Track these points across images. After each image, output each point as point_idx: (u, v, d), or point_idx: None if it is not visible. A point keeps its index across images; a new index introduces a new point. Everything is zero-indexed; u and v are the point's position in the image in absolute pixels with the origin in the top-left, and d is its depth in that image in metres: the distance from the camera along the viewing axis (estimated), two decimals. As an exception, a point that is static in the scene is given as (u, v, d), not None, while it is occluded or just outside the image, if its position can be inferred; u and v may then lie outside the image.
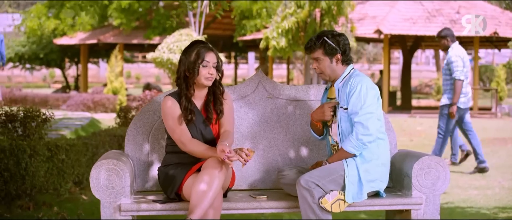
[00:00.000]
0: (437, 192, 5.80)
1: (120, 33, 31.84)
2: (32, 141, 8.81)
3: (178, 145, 5.63)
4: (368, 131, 5.62)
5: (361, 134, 5.62)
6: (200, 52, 5.62)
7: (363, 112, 5.64)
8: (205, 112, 5.75)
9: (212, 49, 5.70)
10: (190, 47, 5.68)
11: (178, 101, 5.65)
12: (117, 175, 5.52)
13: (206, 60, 5.62)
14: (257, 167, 6.28)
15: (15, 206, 8.46)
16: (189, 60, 5.61)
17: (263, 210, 5.69)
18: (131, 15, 30.10)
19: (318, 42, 5.80)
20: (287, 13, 21.86)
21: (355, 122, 5.65)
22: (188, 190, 5.48)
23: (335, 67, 5.83)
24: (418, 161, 5.77)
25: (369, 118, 5.64)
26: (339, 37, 5.83)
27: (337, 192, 5.56)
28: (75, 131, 15.27)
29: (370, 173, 5.69)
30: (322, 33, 5.86)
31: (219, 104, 5.76)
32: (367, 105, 5.66)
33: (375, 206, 5.77)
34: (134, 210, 5.53)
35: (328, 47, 5.78)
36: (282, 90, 6.35)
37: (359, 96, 5.68)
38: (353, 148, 5.64)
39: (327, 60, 5.81)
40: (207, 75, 5.64)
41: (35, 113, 8.96)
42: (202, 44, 5.69)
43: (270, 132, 6.32)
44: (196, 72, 5.61)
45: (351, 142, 5.63)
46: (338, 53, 5.80)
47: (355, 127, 5.64)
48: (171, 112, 5.62)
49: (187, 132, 5.61)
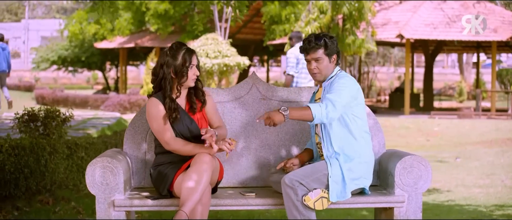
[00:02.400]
0: (419, 190, 5.72)
1: (156, 37, 32.02)
2: (52, 139, 8.86)
3: (163, 145, 5.61)
4: (334, 109, 5.51)
5: (330, 108, 5.48)
6: (187, 55, 5.60)
7: (336, 94, 5.54)
8: (189, 103, 5.74)
9: (194, 51, 5.69)
10: (176, 51, 5.63)
11: (162, 102, 5.63)
12: (111, 172, 5.52)
13: (193, 63, 5.61)
14: (249, 165, 6.25)
15: (35, 200, 8.51)
16: (176, 63, 5.59)
17: (250, 207, 5.66)
18: (167, 20, 30.23)
19: (319, 42, 5.76)
20: (310, 18, 21.78)
21: (328, 98, 5.53)
22: (179, 187, 5.46)
23: (330, 68, 5.80)
24: (400, 160, 5.70)
25: (339, 101, 5.52)
26: (333, 39, 5.82)
27: (320, 190, 5.51)
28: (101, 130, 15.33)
29: (354, 171, 5.62)
30: (318, 35, 5.82)
31: (201, 95, 5.77)
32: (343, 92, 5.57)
33: (359, 204, 5.71)
34: (127, 206, 5.52)
35: (330, 47, 5.75)
36: (275, 92, 6.32)
37: (338, 85, 5.62)
38: (318, 113, 5.46)
39: (326, 60, 5.77)
40: (193, 76, 5.64)
41: (55, 112, 9.01)
42: (185, 47, 5.67)
43: (262, 131, 6.28)
44: (185, 75, 5.60)
45: (320, 109, 5.47)
46: (335, 54, 5.78)
47: (325, 101, 5.54)
48: (155, 113, 5.59)
49: (171, 132, 5.59)
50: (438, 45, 30.52)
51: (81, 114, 22.90)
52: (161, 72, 5.63)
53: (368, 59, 42.31)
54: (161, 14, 29.79)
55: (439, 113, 26.33)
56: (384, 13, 28.24)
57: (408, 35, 25.44)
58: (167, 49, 5.67)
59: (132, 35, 33.41)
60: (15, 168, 8.17)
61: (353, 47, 21.61)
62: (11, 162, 8.08)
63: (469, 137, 19.51)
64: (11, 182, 8.16)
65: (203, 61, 18.72)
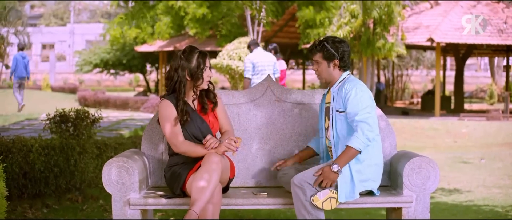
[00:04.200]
0: (427, 191, 5.66)
1: (195, 41, 32.09)
2: (82, 139, 8.92)
3: (172, 147, 5.61)
4: (371, 128, 5.51)
5: (367, 130, 5.50)
6: (201, 58, 5.60)
7: (364, 112, 5.53)
8: (200, 104, 5.74)
9: (206, 54, 5.69)
10: (189, 54, 5.63)
11: (174, 104, 5.63)
12: (127, 172, 5.54)
13: (207, 65, 5.61)
14: (263, 166, 6.24)
15: (65, 199, 8.57)
16: (191, 66, 5.58)
17: (261, 206, 5.64)
18: (205, 24, 30.30)
19: (318, 46, 5.74)
20: (342, 22, 21.73)
21: (358, 120, 5.52)
22: (190, 187, 5.45)
23: (332, 72, 5.75)
24: (409, 161, 5.65)
25: (369, 116, 5.54)
26: (339, 44, 5.74)
27: (329, 190, 5.48)
28: (134, 130, 15.39)
29: (363, 173, 5.58)
30: (324, 39, 5.80)
31: (212, 97, 5.76)
32: (366, 106, 5.56)
33: (367, 204, 5.66)
34: (142, 204, 5.53)
35: (327, 52, 5.70)
36: (289, 94, 6.30)
37: (356, 98, 5.57)
38: (360, 144, 5.49)
39: (325, 64, 5.73)
40: (207, 78, 5.64)
41: (85, 114, 9.06)
42: (198, 50, 5.66)
43: (276, 133, 6.27)
44: (201, 77, 5.59)
45: (358, 139, 5.49)
46: (336, 59, 5.72)
47: (359, 125, 5.52)
48: (166, 113, 5.60)
49: (180, 134, 5.58)
50: (468, 49, 30.33)
51: (118, 115, 23.05)
52: (176, 75, 5.62)
53: (401, 63, 42.07)
54: (200, 19, 29.88)
55: (468, 115, 26.12)
56: (415, 17, 28.10)
57: (438, 39, 25.29)
58: (180, 53, 5.66)
59: (172, 39, 33.54)
60: (45, 167, 8.25)
61: (383, 50, 21.50)
62: (41, 161, 8.16)
63: (495, 139, 19.31)
64: (41, 180, 8.24)
65: (236, 64, 18.75)
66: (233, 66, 18.86)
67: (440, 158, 14.34)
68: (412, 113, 28.20)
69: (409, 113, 28.24)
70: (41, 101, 28.02)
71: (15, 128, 16.28)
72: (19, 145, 8.02)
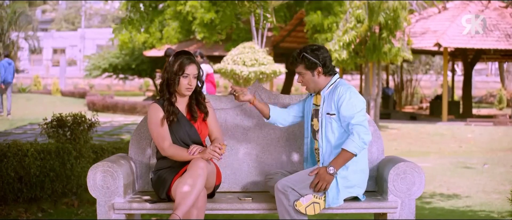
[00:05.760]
0: (412, 196, 5.65)
1: (203, 46, 32.17)
2: (78, 144, 8.95)
3: (159, 150, 5.62)
4: (367, 131, 5.51)
5: (363, 133, 5.49)
6: (182, 64, 5.60)
7: (359, 115, 5.53)
8: (189, 113, 5.74)
9: (194, 61, 5.67)
10: (175, 58, 5.66)
11: (161, 106, 5.65)
12: (111, 176, 5.55)
13: (186, 72, 5.60)
14: (250, 171, 6.23)
15: (61, 203, 8.60)
16: (172, 70, 5.61)
17: (246, 211, 5.64)
18: (213, 29, 30.38)
19: (299, 58, 5.72)
20: (348, 27, 21.68)
21: (354, 124, 5.50)
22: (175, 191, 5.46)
23: (317, 80, 5.73)
24: (394, 166, 5.63)
25: (364, 120, 5.54)
26: (318, 51, 5.71)
27: (312, 195, 5.47)
28: (135, 135, 15.35)
29: (348, 179, 5.57)
30: (302, 49, 5.75)
31: (203, 107, 5.76)
32: (360, 109, 5.56)
33: (352, 209, 5.65)
34: (127, 209, 5.54)
35: (308, 62, 5.68)
36: (277, 99, 6.28)
37: (351, 102, 5.57)
38: (356, 147, 5.47)
39: (309, 74, 5.71)
40: (187, 86, 5.63)
41: (81, 118, 9.09)
42: (186, 56, 5.66)
43: (264, 138, 6.26)
44: (176, 83, 5.61)
45: (355, 142, 5.47)
46: (319, 67, 5.69)
47: (355, 128, 5.49)
48: (154, 116, 5.62)
49: (168, 138, 5.59)
50: (477, 54, 30.26)
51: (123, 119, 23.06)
52: (162, 78, 5.67)
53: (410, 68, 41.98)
54: (207, 23, 29.96)
55: (475, 120, 26.05)
56: (423, 22, 28.08)
57: (445, 44, 25.28)
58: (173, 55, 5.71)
59: (180, 44, 33.60)
60: (41, 171, 8.27)
61: (389, 55, 21.44)
62: (37, 165, 8.18)
63: (500, 144, 19.24)
64: (37, 185, 8.26)
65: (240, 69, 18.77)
66: (237, 71, 18.88)
67: (443, 163, 14.30)
68: (420, 118, 28.14)
69: (417, 118, 28.19)
70: (49, 106, 28.09)
71: (17, 132, 16.34)
72: (15, 149, 8.04)
